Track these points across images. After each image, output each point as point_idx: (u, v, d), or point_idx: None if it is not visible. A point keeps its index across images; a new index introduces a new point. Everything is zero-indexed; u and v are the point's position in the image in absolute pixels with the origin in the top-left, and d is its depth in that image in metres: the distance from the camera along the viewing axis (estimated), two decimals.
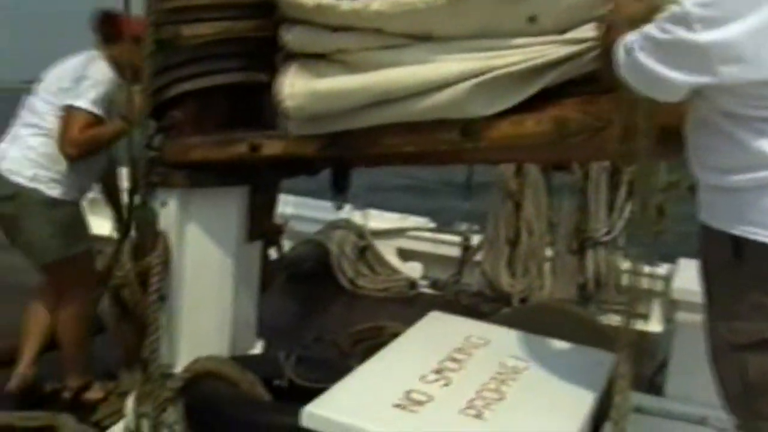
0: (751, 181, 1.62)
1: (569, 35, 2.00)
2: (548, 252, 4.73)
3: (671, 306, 3.15)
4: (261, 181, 2.78)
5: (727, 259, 1.67)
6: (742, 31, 1.51)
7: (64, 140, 3.08)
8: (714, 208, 1.73)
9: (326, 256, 5.20)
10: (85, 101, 3.08)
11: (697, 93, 1.67)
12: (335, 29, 2.29)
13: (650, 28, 1.64)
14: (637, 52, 1.66)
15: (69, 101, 3.10)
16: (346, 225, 5.35)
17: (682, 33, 1.56)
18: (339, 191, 2.76)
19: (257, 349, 2.96)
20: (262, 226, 2.89)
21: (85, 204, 3.33)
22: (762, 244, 1.61)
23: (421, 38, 2.18)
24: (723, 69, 1.55)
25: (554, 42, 2.02)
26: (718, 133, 1.67)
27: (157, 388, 2.52)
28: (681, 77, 1.61)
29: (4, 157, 3.18)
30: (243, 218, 2.77)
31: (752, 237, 1.63)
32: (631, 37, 1.69)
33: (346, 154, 2.45)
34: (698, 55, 1.56)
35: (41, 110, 3.18)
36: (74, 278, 3.24)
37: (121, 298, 2.77)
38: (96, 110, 3.10)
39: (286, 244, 4.67)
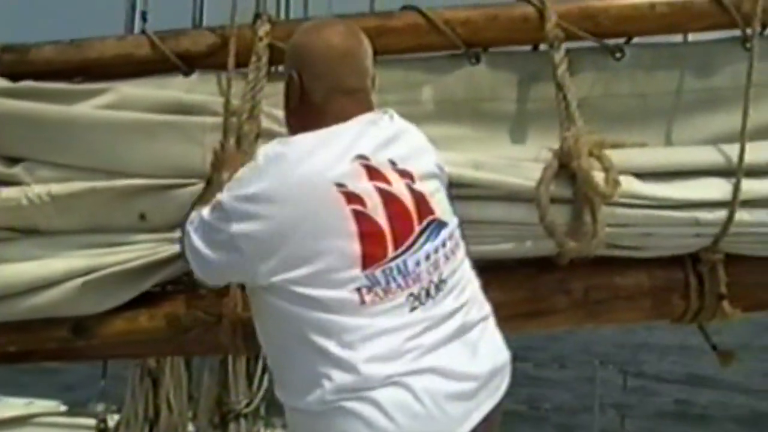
0: (319, 403, 1.56)
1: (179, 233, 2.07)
2: (190, 427, 4.61)
3: None
4: None
5: None
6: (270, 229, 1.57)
7: None
8: None
9: None
10: None
11: (258, 297, 1.68)
12: None
13: (204, 209, 1.69)
14: (193, 231, 1.70)
15: None
16: None
17: (221, 223, 1.62)
18: None
19: None
20: None
21: None
22: None
23: (27, 232, 2.10)
24: (257, 265, 1.59)
25: (165, 240, 2.06)
26: (286, 346, 1.63)
27: None
28: (219, 260, 1.65)
29: None
30: None
31: None
32: (194, 213, 1.73)
33: None
34: (232, 245, 1.61)
35: None
36: None
37: None
38: None
39: None
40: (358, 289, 1.57)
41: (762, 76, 2.03)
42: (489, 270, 1.96)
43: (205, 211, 1.68)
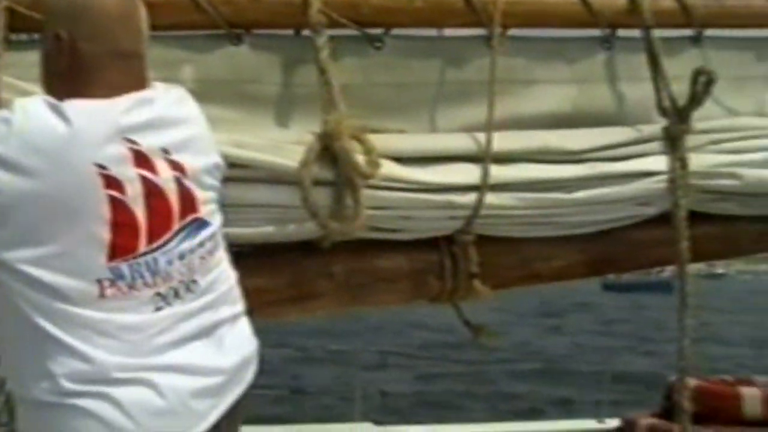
0: (52, 393, 1.44)
1: None
2: None
3: None
4: None
5: None
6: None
7: None
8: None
9: None
10: None
11: None
12: None
13: None
14: None
15: None
16: None
17: None
18: None
19: None
20: None
21: None
22: None
23: None
24: None
25: None
26: (17, 330, 1.48)
27: None
28: None
29: None
30: None
31: None
32: None
33: None
34: None
35: None
36: None
37: None
38: None
39: None
40: (99, 281, 1.46)
41: (504, 73, 2.18)
42: (252, 255, 1.94)
43: None
